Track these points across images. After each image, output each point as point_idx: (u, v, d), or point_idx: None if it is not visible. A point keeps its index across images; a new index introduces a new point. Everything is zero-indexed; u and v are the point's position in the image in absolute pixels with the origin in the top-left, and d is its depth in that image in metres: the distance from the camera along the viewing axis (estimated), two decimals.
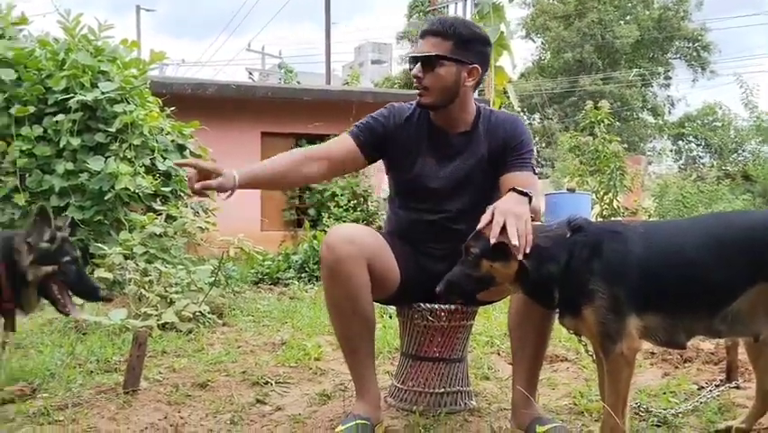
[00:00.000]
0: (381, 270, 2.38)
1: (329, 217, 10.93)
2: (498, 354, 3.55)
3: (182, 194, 6.55)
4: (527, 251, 1.99)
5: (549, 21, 33.08)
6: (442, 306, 2.52)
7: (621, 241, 2.05)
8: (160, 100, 6.68)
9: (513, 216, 2.00)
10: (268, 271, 7.08)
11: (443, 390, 2.57)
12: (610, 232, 2.11)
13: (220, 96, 10.91)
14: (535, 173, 2.49)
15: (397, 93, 13.67)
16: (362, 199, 11.03)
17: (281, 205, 12.19)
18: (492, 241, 1.99)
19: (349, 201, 11.05)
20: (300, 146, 12.51)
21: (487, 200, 2.33)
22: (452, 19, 2.58)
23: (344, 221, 10.91)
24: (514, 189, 2.12)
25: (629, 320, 1.99)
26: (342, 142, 2.55)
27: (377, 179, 10.90)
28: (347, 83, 26.21)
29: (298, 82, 23.39)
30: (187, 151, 6.71)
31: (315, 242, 7.22)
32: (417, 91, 2.45)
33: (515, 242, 1.96)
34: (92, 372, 3.16)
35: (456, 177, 2.50)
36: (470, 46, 2.43)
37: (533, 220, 2.16)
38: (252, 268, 7.08)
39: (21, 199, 5.76)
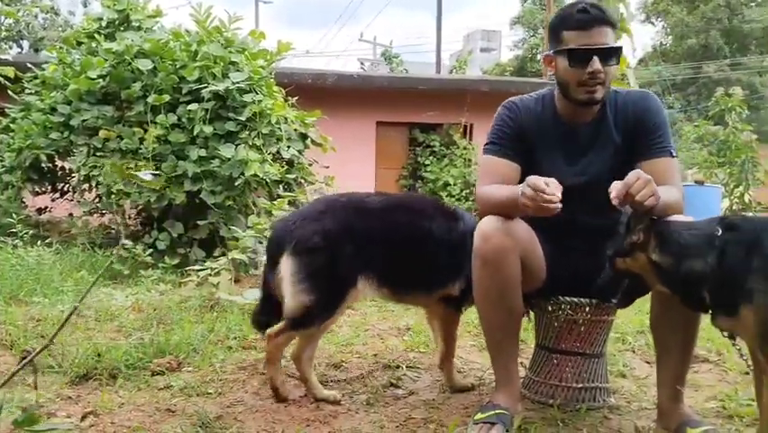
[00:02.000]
0: (532, 264, 2.35)
1: None
2: (633, 351, 3.42)
3: (303, 181, 6.73)
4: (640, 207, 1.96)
5: (671, 6, 31.44)
6: (582, 300, 2.46)
7: None
8: (283, 90, 6.87)
9: (641, 178, 1.96)
10: None
11: (581, 385, 2.52)
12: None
13: (339, 85, 11.11)
14: (674, 156, 2.34)
15: (513, 80, 13.43)
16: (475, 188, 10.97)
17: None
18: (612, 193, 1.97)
19: (461, 191, 11.03)
20: (414, 136, 12.59)
21: None
22: (598, 5, 2.45)
23: None
24: None
25: None
26: (504, 168, 2.41)
27: None
28: (454, 69, 25.95)
29: (405, 70, 23.43)
30: (309, 140, 6.87)
31: None
32: (590, 88, 2.27)
33: (614, 195, 1.94)
34: (231, 348, 3.32)
35: (591, 173, 2.38)
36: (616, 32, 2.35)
37: (675, 213, 2.13)
38: None
39: (156, 184, 6.08)
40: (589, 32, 2.25)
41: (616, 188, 1.97)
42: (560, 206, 2.04)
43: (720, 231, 1.95)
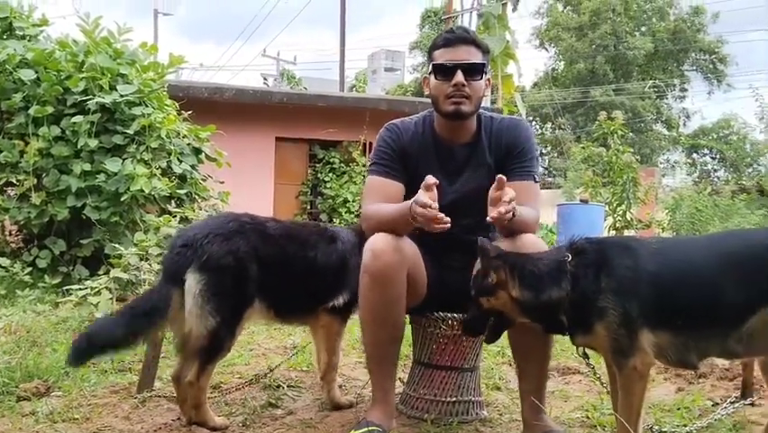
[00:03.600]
0: (416, 280, 2.41)
1: (340, 223, 10.99)
2: (510, 364, 3.54)
3: (197, 197, 6.59)
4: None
5: (561, 32, 33.05)
6: (455, 315, 2.53)
7: (632, 256, 2.06)
8: (177, 104, 6.72)
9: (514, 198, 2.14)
10: None
11: (454, 399, 2.58)
12: (620, 247, 2.12)
13: (236, 100, 10.97)
14: (537, 181, 2.50)
15: (411, 101, 13.69)
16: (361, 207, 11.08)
17: (293, 209, 12.26)
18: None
19: (360, 207, 11.10)
20: (313, 152, 12.59)
21: None
22: (466, 27, 2.61)
23: None
24: None
25: (642, 335, 2.00)
26: (389, 187, 2.49)
27: None
28: (353, 87, 26.20)
29: (305, 88, 23.44)
30: (203, 154, 6.74)
31: None
32: (455, 100, 2.41)
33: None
34: (106, 371, 3.20)
35: (466, 191, 2.50)
36: (488, 58, 2.47)
37: (530, 231, 2.31)
38: None
39: (37, 199, 5.81)
40: (454, 48, 2.42)
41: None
42: (448, 223, 2.14)
43: (570, 256, 2.08)
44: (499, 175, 2.16)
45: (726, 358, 2.37)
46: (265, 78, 30.95)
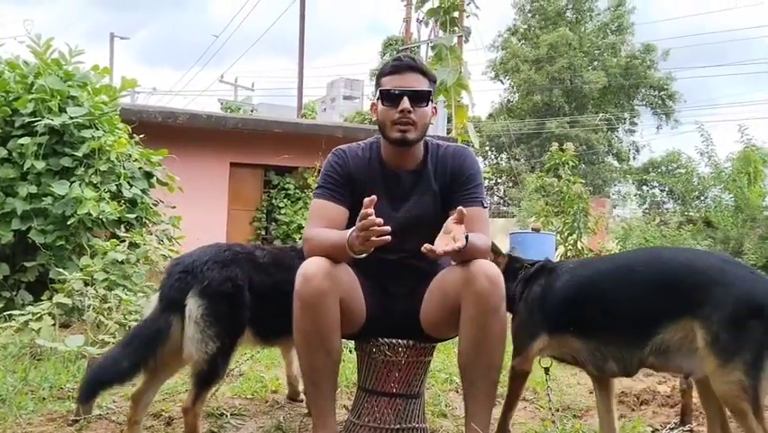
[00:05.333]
0: (352, 307, 2.41)
1: None
2: (457, 391, 3.55)
3: (147, 221, 6.49)
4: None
5: (521, 64, 33.76)
6: (400, 341, 2.54)
7: (546, 276, 2.55)
8: (129, 127, 6.64)
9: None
10: None
11: (398, 426, 2.57)
12: (544, 269, 2.61)
13: (190, 125, 10.88)
14: (485, 206, 2.54)
15: (366, 128, 13.78)
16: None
17: (247, 235, 12.16)
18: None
19: None
20: (268, 178, 12.56)
21: None
22: (412, 56, 2.66)
23: None
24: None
25: (536, 341, 2.47)
26: (333, 211, 2.51)
27: None
28: (304, 116, 26.15)
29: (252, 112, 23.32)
30: (155, 178, 6.66)
31: None
32: (401, 126, 2.44)
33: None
34: (44, 398, 3.10)
35: (411, 217, 2.52)
36: (434, 86, 2.52)
37: (482, 257, 2.37)
38: None
39: None
40: (401, 75, 2.46)
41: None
42: (388, 234, 2.18)
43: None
44: (460, 207, 2.23)
45: (648, 367, 2.45)
46: (222, 104, 30.81)
